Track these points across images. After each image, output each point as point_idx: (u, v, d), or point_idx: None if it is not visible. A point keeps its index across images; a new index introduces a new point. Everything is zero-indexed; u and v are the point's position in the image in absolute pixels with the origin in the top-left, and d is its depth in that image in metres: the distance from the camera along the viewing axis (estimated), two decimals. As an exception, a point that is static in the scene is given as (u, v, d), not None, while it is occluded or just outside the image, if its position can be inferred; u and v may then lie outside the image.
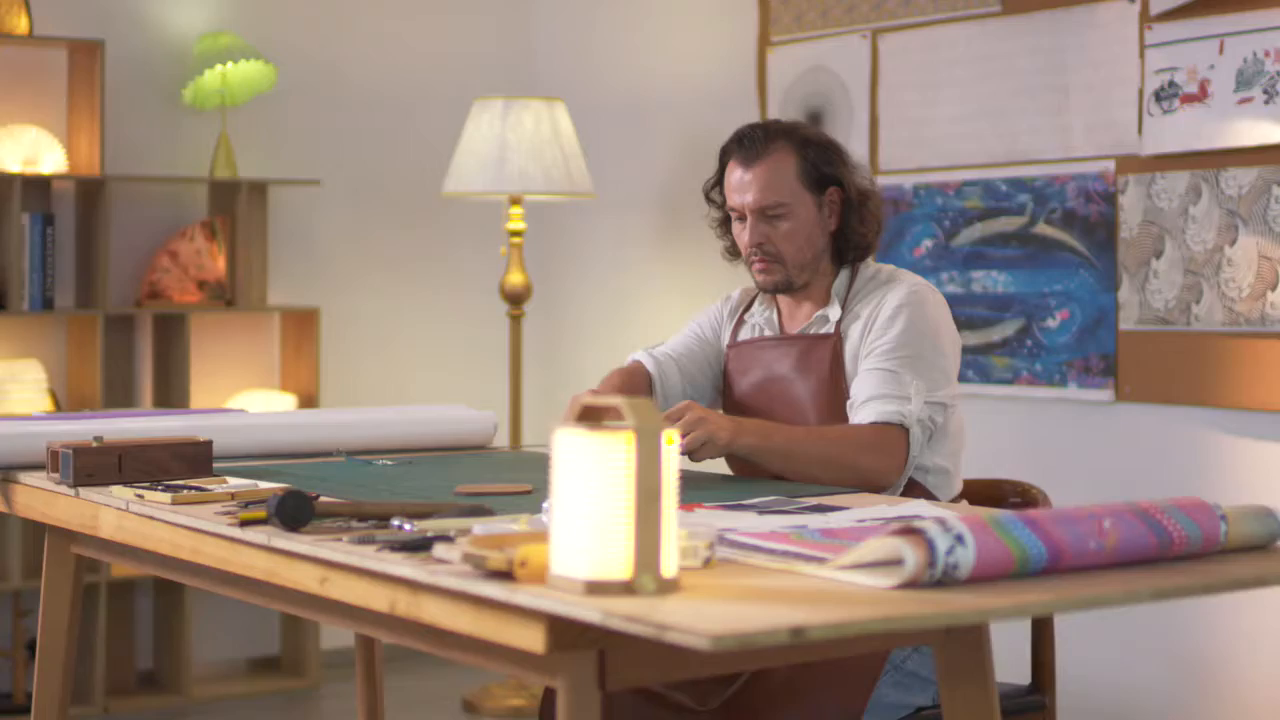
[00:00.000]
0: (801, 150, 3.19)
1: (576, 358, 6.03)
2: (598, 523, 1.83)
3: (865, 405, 3.04)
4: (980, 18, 4.71)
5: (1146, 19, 4.29)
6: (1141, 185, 4.31)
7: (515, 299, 5.39)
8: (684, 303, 5.67)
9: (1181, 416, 4.28)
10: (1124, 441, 4.39)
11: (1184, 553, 2.07)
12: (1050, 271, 4.54)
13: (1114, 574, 1.98)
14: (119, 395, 5.36)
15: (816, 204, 3.20)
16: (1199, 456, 4.24)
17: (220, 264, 5.41)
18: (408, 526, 2.28)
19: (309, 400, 5.53)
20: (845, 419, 3.11)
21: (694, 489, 2.72)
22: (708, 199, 3.36)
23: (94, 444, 2.96)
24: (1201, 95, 4.15)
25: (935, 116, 4.84)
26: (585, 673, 1.98)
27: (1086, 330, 4.45)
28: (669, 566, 1.85)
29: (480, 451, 3.56)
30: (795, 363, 3.21)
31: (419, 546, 2.11)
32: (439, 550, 2.01)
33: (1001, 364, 4.66)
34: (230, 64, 5.32)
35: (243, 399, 5.47)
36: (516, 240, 5.37)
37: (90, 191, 5.25)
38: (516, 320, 5.42)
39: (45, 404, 5.11)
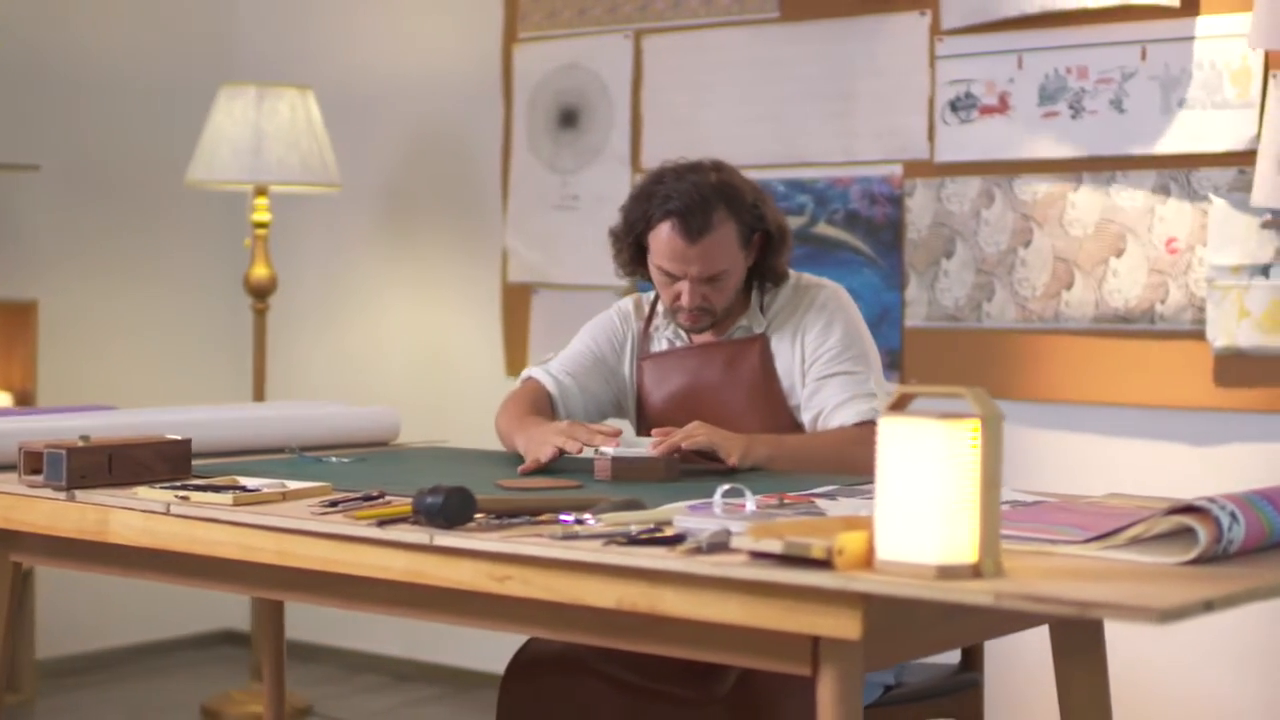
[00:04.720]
0: (738, 214, 3.20)
1: (314, 353, 5.86)
2: (946, 508, 1.88)
3: (841, 408, 3.18)
4: (755, 23, 4.86)
5: (937, 31, 4.53)
6: (930, 189, 4.55)
7: (260, 292, 5.21)
8: (415, 297, 5.61)
9: (967, 408, 4.52)
10: (910, 432, 4.61)
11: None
12: (832, 271, 4.71)
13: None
14: None
15: (746, 254, 3.26)
16: (987, 445, 4.50)
17: (-66, 252, 5.03)
18: (590, 519, 2.25)
19: (26, 399, 5.19)
20: (779, 418, 3.23)
21: (751, 482, 2.75)
22: (618, 238, 3.29)
23: (81, 443, 2.76)
24: (1002, 107, 4.42)
25: (706, 118, 4.95)
26: (853, 658, 2.01)
27: (870, 327, 4.65)
28: (1001, 550, 1.92)
29: (399, 447, 3.50)
30: (723, 368, 3.28)
31: (668, 540, 2.09)
32: (739, 542, 2.00)
33: (781, 358, 4.81)
34: (-54, 38, 4.97)
35: (-47, 397, 5.10)
36: (261, 232, 5.19)
37: None
38: (261, 314, 5.24)
39: None
